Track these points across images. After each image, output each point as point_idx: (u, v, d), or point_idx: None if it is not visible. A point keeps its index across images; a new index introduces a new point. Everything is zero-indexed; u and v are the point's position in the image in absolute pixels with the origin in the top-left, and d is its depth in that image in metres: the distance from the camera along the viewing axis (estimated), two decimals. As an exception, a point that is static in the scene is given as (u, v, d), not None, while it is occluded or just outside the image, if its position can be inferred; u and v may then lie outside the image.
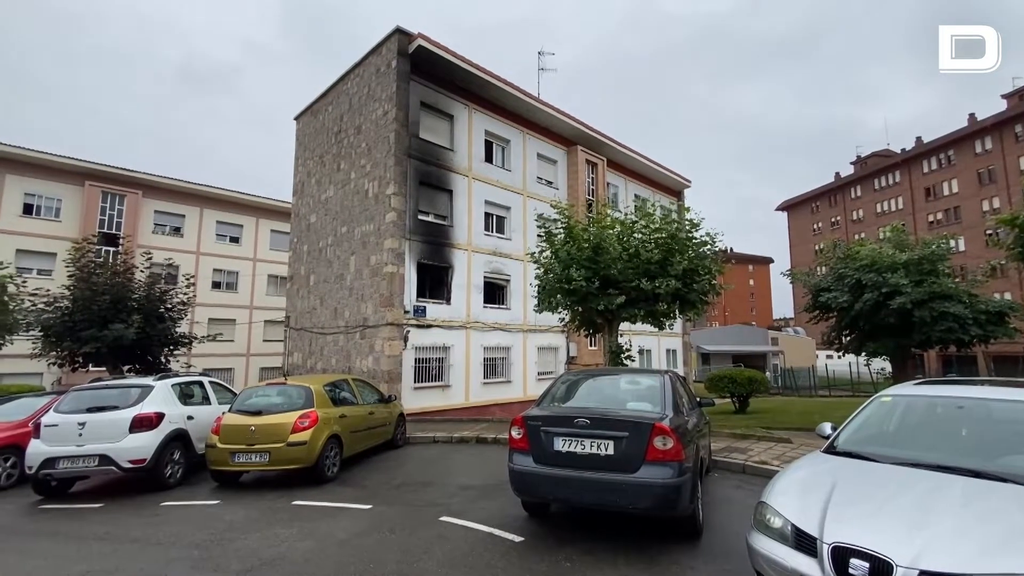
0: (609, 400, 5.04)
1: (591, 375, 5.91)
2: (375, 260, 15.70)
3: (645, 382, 5.21)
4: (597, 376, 5.82)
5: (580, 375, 5.89)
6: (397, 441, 9.42)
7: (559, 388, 5.34)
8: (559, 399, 5.17)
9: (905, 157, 52.49)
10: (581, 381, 5.62)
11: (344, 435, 7.38)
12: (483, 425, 11.54)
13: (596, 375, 5.90)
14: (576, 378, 5.69)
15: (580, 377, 5.77)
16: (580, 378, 5.72)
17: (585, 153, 21.95)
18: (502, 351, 18.06)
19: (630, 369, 5.85)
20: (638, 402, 4.86)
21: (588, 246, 11.05)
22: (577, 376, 5.80)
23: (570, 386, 5.44)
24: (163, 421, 7.02)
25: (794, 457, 7.54)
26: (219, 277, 28.99)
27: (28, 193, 23.14)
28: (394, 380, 14.52)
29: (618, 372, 5.92)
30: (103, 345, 12.32)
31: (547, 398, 5.18)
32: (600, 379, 5.68)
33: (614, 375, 5.80)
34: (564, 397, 5.22)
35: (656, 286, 10.52)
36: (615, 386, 5.37)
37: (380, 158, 16.00)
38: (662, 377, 5.17)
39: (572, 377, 5.70)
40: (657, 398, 4.78)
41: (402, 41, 15.85)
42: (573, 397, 5.23)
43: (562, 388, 5.36)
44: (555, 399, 5.16)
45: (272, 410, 7.00)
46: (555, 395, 5.23)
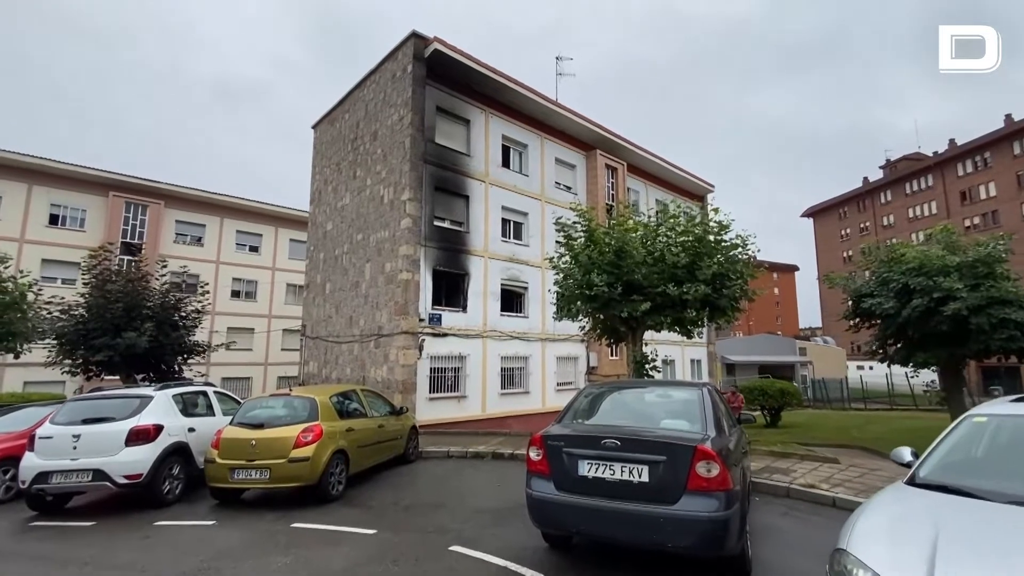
0: (640, 417, 4.44)
1: (618, 388, 5.30)
2: (390, 267, 15.36)
3: (681, 396, 4.61)
4: (625, 389, 5.21)
5: (606, 388, 5.29)
6: (409, 456, 8.91)
7: (582, 402, 4.77)
8: (583, 415, 4.59)
9: (938, 160, 50.59)
10: (607, 395, 5.03)
11: (351, 450, 6.90)
12: (499, 439, 10.96)
13: (624, 388, 5.29)
14: (601, 391, 5.10)
15: (606, 390, 5.17)
16: (606, 391, 5.12)
17: (604, 157, 21.40)
18: (520, 361, 17.49)
19: (662, 381, 5.25)
20: (674, 419, 4.26)
21: (610, 250, 10.47)
22: (602, 389, 5.20)
23: (595, 400, 4.86)
24: (162, 434, 6.64)
25: (845, 480, 6.79)
26: (238, 286, 29.13)
27: (54, 204, 23.59)
28: (408, 390, 14.07)
29: (649, 385, 5.32)
30: (116, 353, 12.17)
31: (569, 414, 4.61)
32: (629, 392, 5.07)
33: (645, 388, 5.19)
34: (588, 413, 4.63)
35: (684, 291, 9.87)
36: (647, 401, 4.77)
37: (395, 164, 15.72)
38: (700, 391, 4.56)
39: (597, 390, 5.11)
40: (696, 415, 4.18)
41: (418, 45, 15.62)
42: (599, 413, 4.64)
43: (586, 403, 4.78)
44: (578, 415, 4.59)
45: (274, 423, 6.57)
46: (578, 410, 4.65)
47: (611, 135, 21.28)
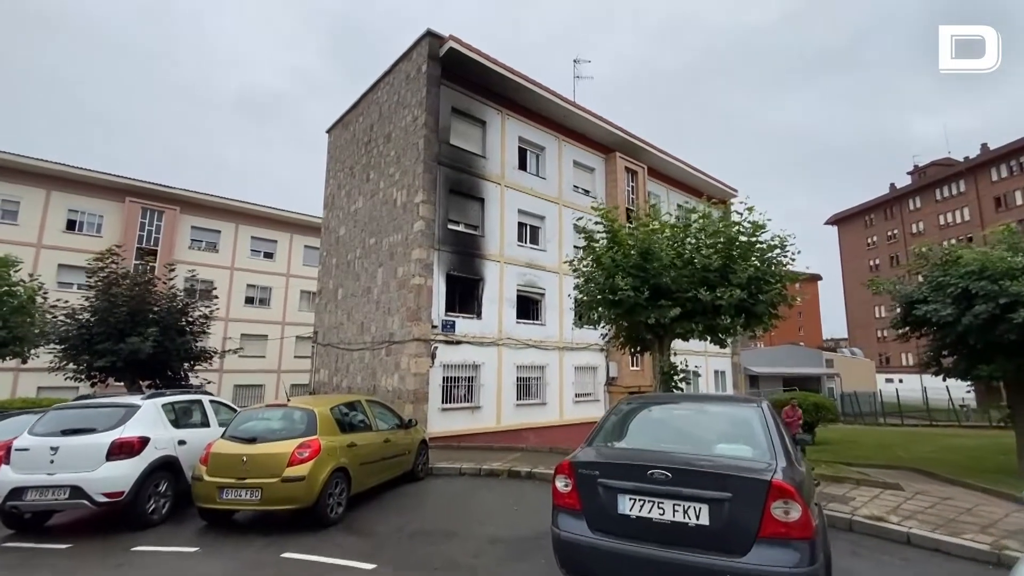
0: (690, 440, 3.68)
1: (659, 402, 4.53)
2: (402, 272, 14.79)
3: (738, 414, 3.84)
4: (667, 405, 4.42)
5: (643, 403, 4.53)
6: (418, 473, 8.21)
7: (616, 421, 4.03)
8: (618, 436, 3.85)
9: (970, 165, 48.79)
10: (646, 411, 4.28)
11: (353, 468, 6.23)
12: (515, 455, 10.19)
13: (666, 403, 4.51)
14: (638, 407, 4.34)
15: (644, 405, 4.41)
16: (644, 407, 4.37)
17: (624, 160, 20.69)
18: (536, 370, 16.72)
19: (710, 396, 4.49)
20: (732, 444, 3.50)
21: (635, 251, 9.72)
22: (640, 404, 4.44)
23: (632, 418, 4.11)
24: (147, 447, 6.06)
25: (915, 512, 5.89)
26: (252, 293, 28.95)
27: (72, 209, 23.68)
28: (420, 400, 13.41)
29: (695, 400, 4.55)
30: (119, 359, 11.77)
31: (601, 434, 3.87)
32: (672, 409, 4.28)
33: (691, 404, 4.41)
34: (625, 434, 3.89)
35: (717, 296, 9.07)
36: (696, 420, 4.00)
37: (409, 165, 15.22)
38: (759, 408, 3.80)
39: (633, 405, 4.36)
40: (759, 439, 3.42)
41: (432, 44, 15.17)
42: (638, 434, 3.90)
43: (621, 421, 4.04)
44: (612, 436, 3.85)
45: (268, 437, 5.93)
46: (612, 430, 3.91)
47: (631, 137, 20.57)
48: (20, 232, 22.38)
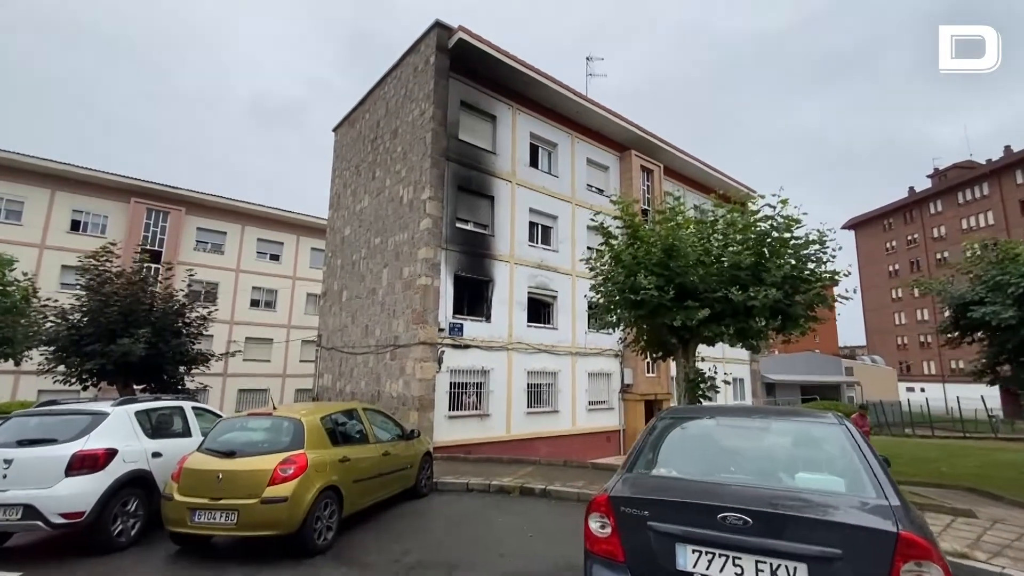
0: (759, 467, 2.87)
1: (708, 416, 3.69)
2: (408, 272, 14.11)
3: (814, 433, 3.04)
4: (720, 419, 3.58)
5: (689, 417, 3.70)
6: (420, 489, 7.44)
7: (660, 440, 3.24)
8: (665, 461, 3.05)
9: (993, 168, 47.29)
10: (696, 428, 3.47)
11: (345, 486, 5.48)
12: (527, 469, 9.38)
13: (716, 417, 3.67)
14: (685, 422, 3.54)
15: (691, 421, 3.60)
16: (692, 422, 3.56)
17: (640, 158, 19.91)
18: (548, 376, 15.92)
19: (767, 409, 3.71)
20: (817, 473, 2.71)
21: (658, 247, 8.93)
22: (686, 419, 3.62)
23: (679, 437, 3.32)
24: (114, 460, 5.37)
25: (1003, 546, 5.00)
26: (257, 295, 28.46)
27: (76, 210, 23.36)
28: (426, 407, 12.67)
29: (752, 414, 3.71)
30: (109, 361, 11.16)
31: (642, 458, 3.08)
32: (728, 425, 3.44)
33: (750, 419, 3.55)
34: (673, 457, 3.10)
35: (751, 296, 8.24)
36: (761, 439, 3.19)
37: (416, 161, 14.57)
38: (841, 425, 3.00)
39: (678, 421, 3.55)
40: (853, 465, 2.63)
41: (441, 36, 14.54)
42: (690, 458, 3.10)
43: (665, 440, 3.25)
44: (658, 460, 3.05)
45: (249, 450, 5.21)
46: (656, 453, 3.12)
47: (647, 135, 19.79)
48: (24, 232, 22.07)
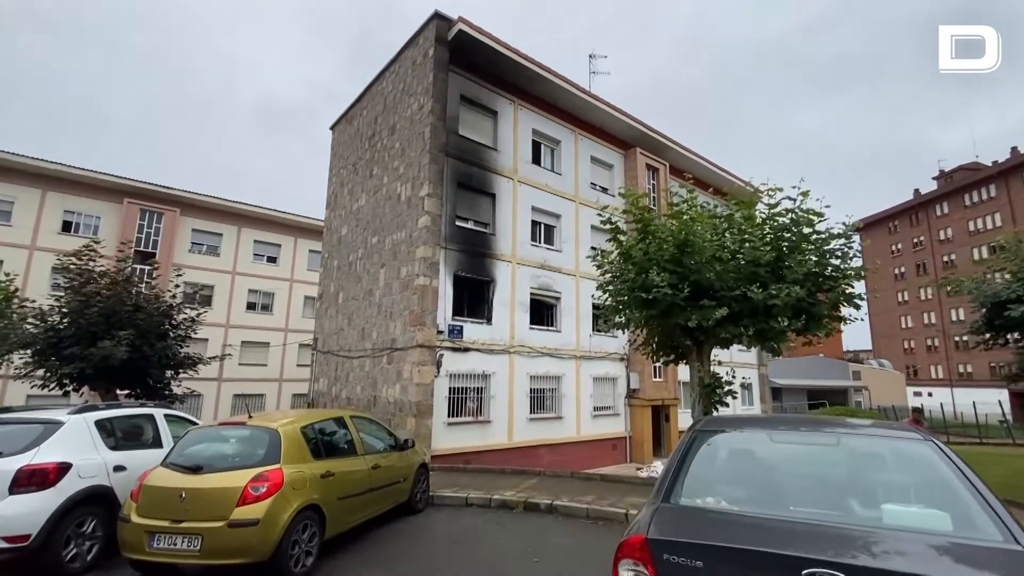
0: (834, 497, 2.27)
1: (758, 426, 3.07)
2: (406, 272, 13.53)
3: (899, 451, 2.44)
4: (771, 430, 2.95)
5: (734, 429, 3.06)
6: (415, 504, 6.82)
7: (703, 459, 2.62)
8: (712, 487, 2.44)
9: (1000, 169, 46.71)
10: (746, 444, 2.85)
11: (328, 504, 4.87)
12: (531, 481, 8.74)
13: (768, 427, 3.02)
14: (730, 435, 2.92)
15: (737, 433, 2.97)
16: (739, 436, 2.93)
17: (645, 156, 19.35)
18: (551, 381, 15.30)
19: (826, 420, 3.10)
20: (910, 505, 2.10)
21: (671, 243, 8.34)
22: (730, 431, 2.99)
23: (726, 455, 2.71)
24: (68, 476, 4.77)
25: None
26: (254, 298, 27.86)
27: (68, 210, 22.83)
28: (424, 413, 12.06)
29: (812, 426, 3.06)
30: (88, 365, 10.57)
31: (683, 483, 2.47)
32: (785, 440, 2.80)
33: (810, 432, 2.90)
34: (722, 482, 2.49)
35: (772, 294, 7.64)
36: (830, 460, 2.57)
37: (414, 157, 14.02)
38: (930, 442, 2.40)
39: (720, 433, 2.92)
40: (959, 496, 2.04)
41: (440, 27, 14.02)
42: (744, 484, 2.49)
43: (709, 459, 2.64)
44: (704, 487, 2.44)
45: (217, 465, 4.60)
46: (700, 476, 2.51)
47: (652, 132, 19.25)
48: (14, 233, 21.55)
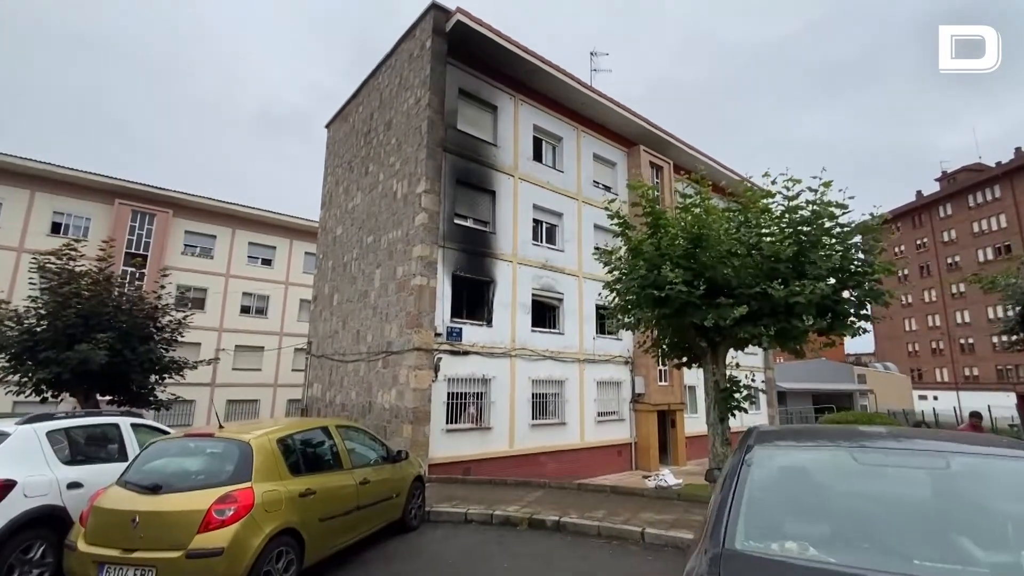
0: (955, 537, 1.69)
1: (830, 439, 2.42)
2: (402, 272, 12.96)
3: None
4: (847, 445, 2.28)
5: (803, 445, 2.43)
6: (409, 520, 6.22)
7: (766, 484, 2.04)
8: (786, 525, 1.85)
9: (1005, 170, 46.34)
10: (823, 464, 2.24)
11: (308, 527, 4.28)
12: (536, 494, 8.13)
13: (843, 439, 2.35)
14: (798, 452, 2.32)
15: (808, 450, 2.36)
16: (812, 454, 2.32)
17: (649, 154, 18.84)
18: (554, 385, 14.70)
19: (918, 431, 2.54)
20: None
21: (685, 237, 7.79)
22: (799, 446, 2.38)
23: (794, 478, 2.12)
24: (11, 494, 4.19)
25: None
26: (248, 301, 27.26)
27: (57, 211, 22.27)
28: (421, 420, 11.46)
29: (902, 439, 2.44)
30: (64, 369, 9.97)
31: (742, 515, 1.89)
32: (877, 461, 2.16)
33: (907, 450, 2.25)
34: (799, 518, 1.90)
35: (794, 291, 7.08)
36: (942, 485, 1.98)
37: (411, 152, 13.48)
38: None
39: (785, 450, 2.33)
40: None
41: (438, 18, 13.53)
42: (831, 521, 1.89)
43: (776, 486, 2.05)
44: (772, 524, 1.86)
45: (178, 484, 4.01)
46: (765, 507, 1.93)
47: (656, 129, 18.74)
48: (1, 235, 20.97)
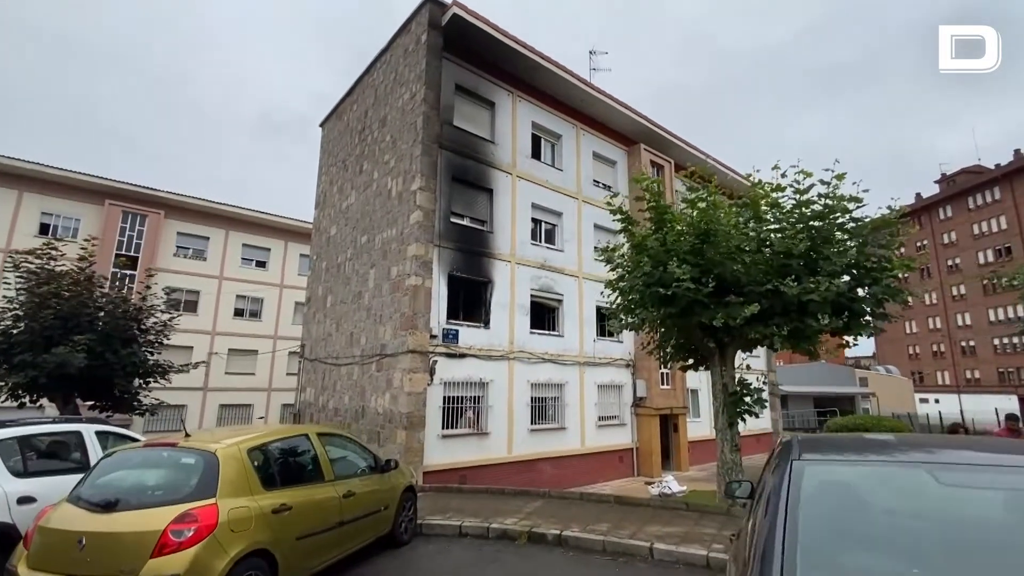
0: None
1: (890, 453, 1.99)
2: (396, 272, 12.54)
3: None
4: (921, 460, 1.88)
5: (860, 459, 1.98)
6: (400, 534, 5.77)
7: (823, 511, 1.62)
8: (855, 567, 1.43)
9: (1004, 171, 46.23)
10: (890, 483, 1.81)
11: (282, 547, 3.83)
12: (535, 504, 7.67)
13: (907, 454, 1.93)
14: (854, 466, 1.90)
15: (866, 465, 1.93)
16: (873, 471, 1.89)
17: (649, 153, 18.48)
18: (553, 389, 14.27)
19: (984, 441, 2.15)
20: None
21: (692, 233, 7.39)
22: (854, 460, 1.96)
23: (856, 502, 1.69)
24: (-52, 513, 3.74)
25: None
26: (242, 304, 26.78)
27: (45, 212, 21.81)
28: (415, 425, 11.01)
29: (978, 452, 2.02)
30: (41, 373, 9.50)
31: (798, 554, 1.46)
32: (957, 480, 1.74)
33: (987, 465, 1.86)
34: (873, 558, 1.48)
35: (808, 288, 6.68)
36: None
37: (406, 149, 13.09)
38: None
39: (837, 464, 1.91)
40: None
41: (434, 12, 13.18)
42: (917, 562, 1.47)
43: (835, 513, 1.63)
44: (838, 566, 1.43)
45: (133, 500, 3.57)
46: (824, 541, 1.51)
47: (657, 128, 18.39)
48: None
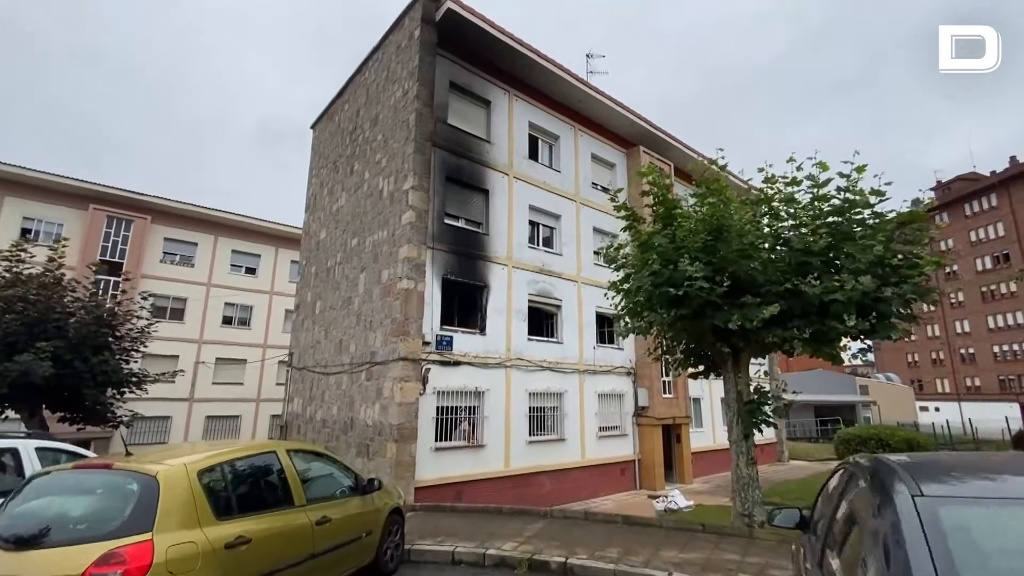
0: None
1: (989, 488, 1.46)
2: (387, 275, 11.95)
3: None
4: None
5: (996, 491, 1.48)
6: (384, 563, 5.13)
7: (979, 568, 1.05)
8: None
9: (1001, 178, 46.30)
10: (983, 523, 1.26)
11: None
12: (536, 526, 7.01)
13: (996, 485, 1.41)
14: (1007, 512, 1.35)
15: (995, 506, 1.40)
16: (1006, 511, 1.36)
17: (649, 156, 18.04)
18: (552, 398, 13.65)
19: None
20: None
21: (703, 229, 6.86)
22: (996, 497, 1.42)
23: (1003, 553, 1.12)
24: None
25: None
26: (231, 312, 26.04)
27: (27, 217, 21.10)
28: (407, 438, 10.36)
29: None
30: (3, 383, 8.83)
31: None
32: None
33: None
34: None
35: (830, 288, 6.14)
36: None
37: (397, 147, 12.57)
38: None
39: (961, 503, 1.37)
40: None
41: (428, 7, 12.71)
42: None
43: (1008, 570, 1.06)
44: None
45: (53, 537, 2.94)
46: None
47: (657, 130, 17.98)
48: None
